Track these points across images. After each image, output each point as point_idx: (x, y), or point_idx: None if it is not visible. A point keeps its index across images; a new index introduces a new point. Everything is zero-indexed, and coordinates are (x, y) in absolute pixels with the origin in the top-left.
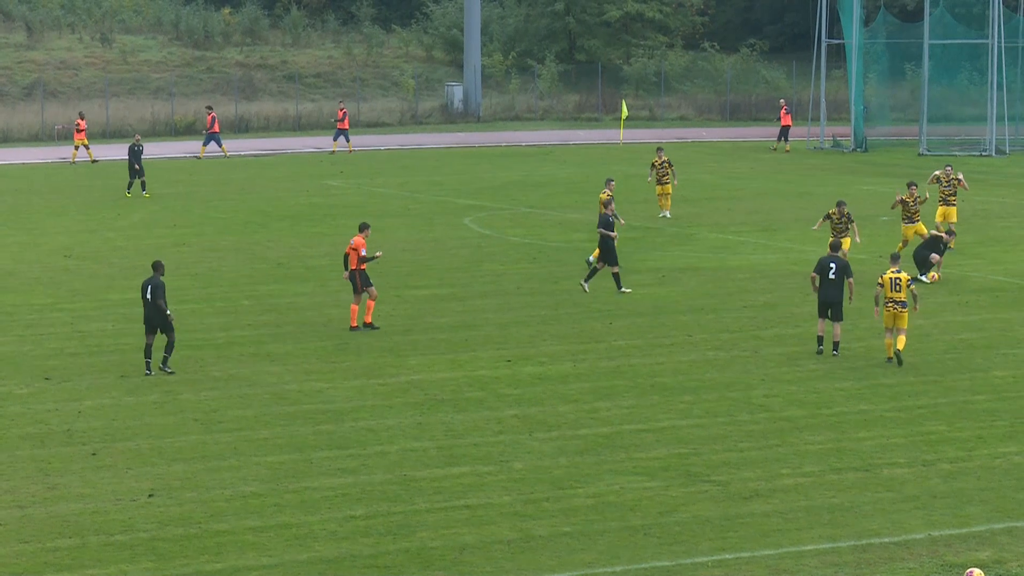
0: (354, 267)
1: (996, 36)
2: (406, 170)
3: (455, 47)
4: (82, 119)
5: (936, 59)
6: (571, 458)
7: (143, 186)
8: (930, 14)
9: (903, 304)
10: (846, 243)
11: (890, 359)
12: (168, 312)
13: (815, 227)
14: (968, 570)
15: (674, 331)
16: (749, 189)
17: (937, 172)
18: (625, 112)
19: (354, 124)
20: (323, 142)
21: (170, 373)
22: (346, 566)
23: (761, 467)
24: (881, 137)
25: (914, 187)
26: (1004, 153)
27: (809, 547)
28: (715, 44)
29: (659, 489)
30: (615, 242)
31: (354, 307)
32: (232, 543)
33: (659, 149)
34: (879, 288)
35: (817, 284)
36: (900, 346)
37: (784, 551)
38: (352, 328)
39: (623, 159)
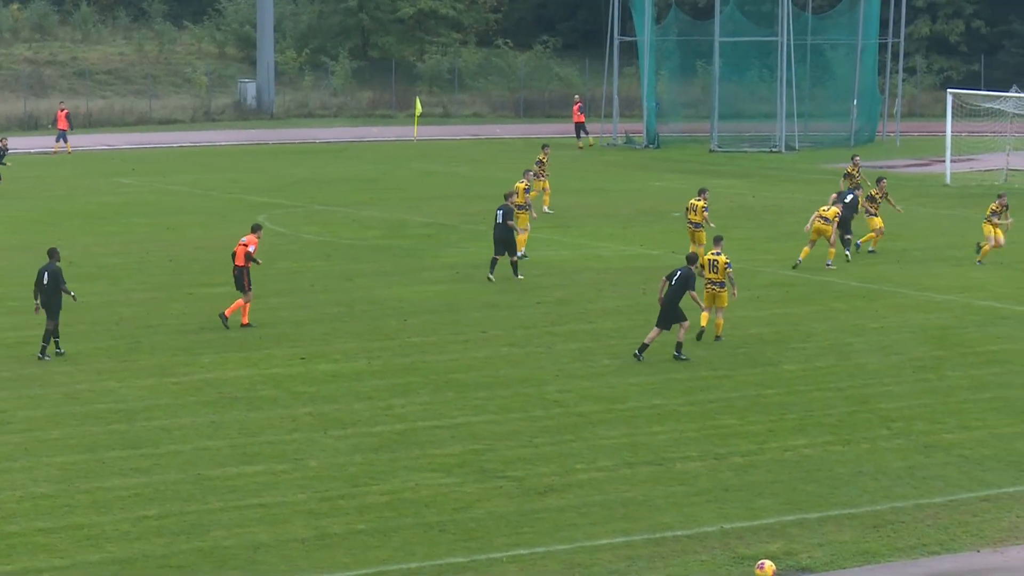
0: (240, 264)
1: (785, 34)
2: (200, 167)
3: (248, 44)
4: None
5: (727, 56)
6: (366, 455)
7: None
8: (721, 12)
9: (720, 284)
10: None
11: (701, 332)
12: (72, 295)
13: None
14: (759, 562)
15: (468, 327)
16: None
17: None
18: (419, 109)
19: (146, 121)
20: (114, 139)
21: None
22: (139, 566)
23: (556, 462)
24: (673, 134)
25: (883, 181)
26: (793, 149)
27: (603, 541)
28: (508, 41)
29: (454, 485)
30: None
31: (241, 303)
32: (23, 544)
33: (544, 147)
34: (701, 267)
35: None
36: (718, 331)
37: (579, 545)
38: (243, 325)
39: (417, 156)
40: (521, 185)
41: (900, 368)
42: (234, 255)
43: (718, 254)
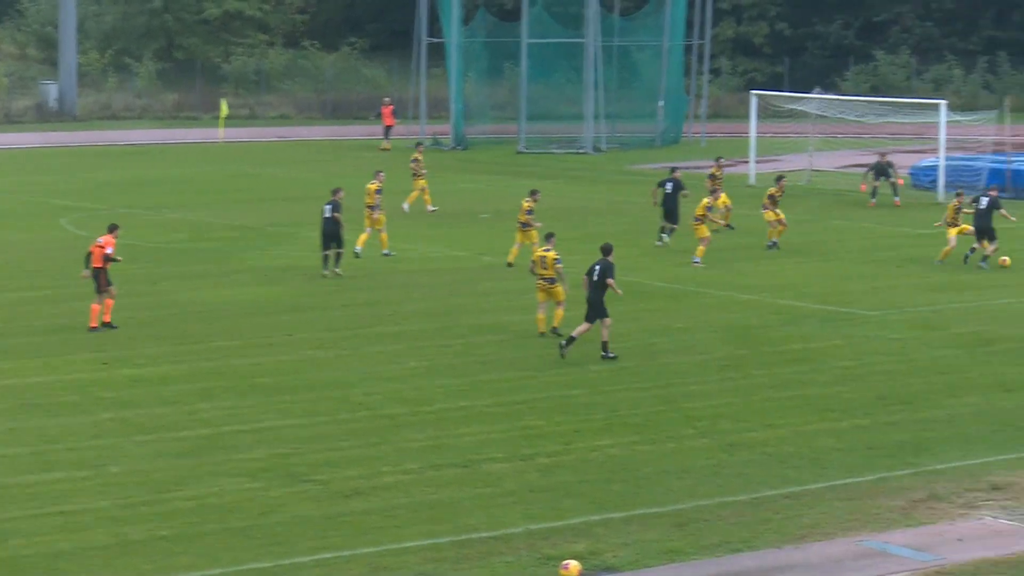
0: (98, 265)
1: (592, 36)
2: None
3: (50, 45)
4: None
5: (534, 58)
6: (170, 461)
7: None
8: (528, 13)
9: (551, 280)
10: None
11: (543, 334)
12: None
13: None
14: (564, 562)
15: (274, 331)
16: (349, 187)
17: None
18: (225, 111)
19: None
20: None
21: None
22: None
23: (362, 465)
24: (481, 135)
25: (783, 180)
26: (600, 150)
27: (409, 543)
28: (316, 42)
29: (259, 490)
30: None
31: (95, 307)
32: None
33: (417, 145)
34: (533, 264)
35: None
36: (556, 321)
37: (385, 548)
38: (91, 328)
39: (223, 158)
40: (373, 186)
41: (705, 367)
42: (90, 256)
43: (548, 250)
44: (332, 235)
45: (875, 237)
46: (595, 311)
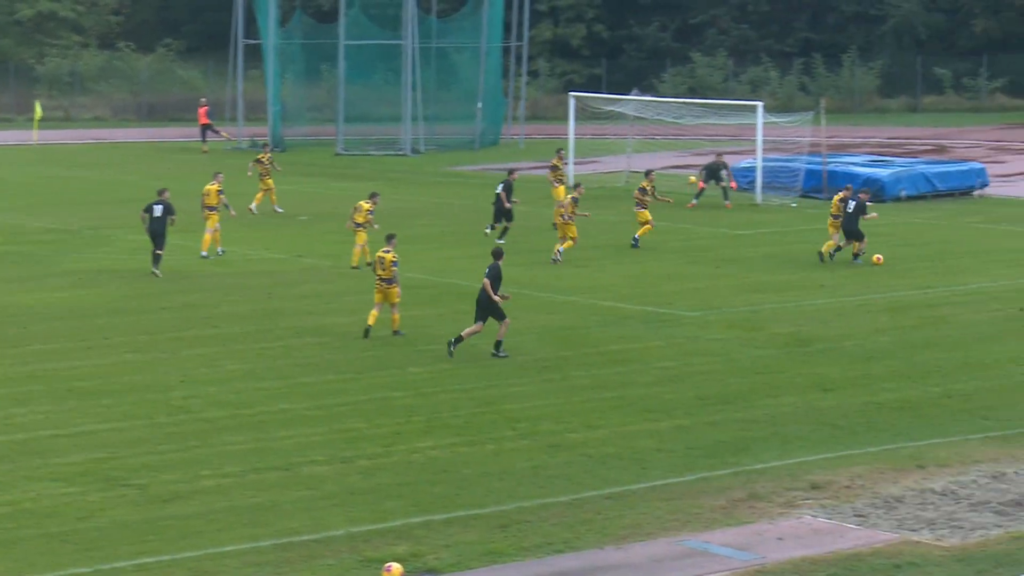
0: None
1: (410, 37)
2: None
3: None
4: None
5: (352, 60)
6: None
7: None
8: (345, 15)
9: (388, 281)
10: None
11: (368, 330)
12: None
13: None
14: (386, 564)
15: (91, 334)
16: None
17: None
18: (39, 113)
19: None
20: None
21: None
22: None
23: (182, 469)
24: (299, 137)
25: (652, 174)
26: (419, 152)
27: (231, 547)
28: (131, 44)
29: (77, 495)
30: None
31: None
32: None
33: (264, 146)
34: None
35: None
36: (395, 325)
37: (206, 552)
38: None
39: (37, 160)
40: (213, 187)
41: (525, 369)
42: None
43: (387, 251)
44: (160, 234)
45: (694, 238)
46: (484, 312)
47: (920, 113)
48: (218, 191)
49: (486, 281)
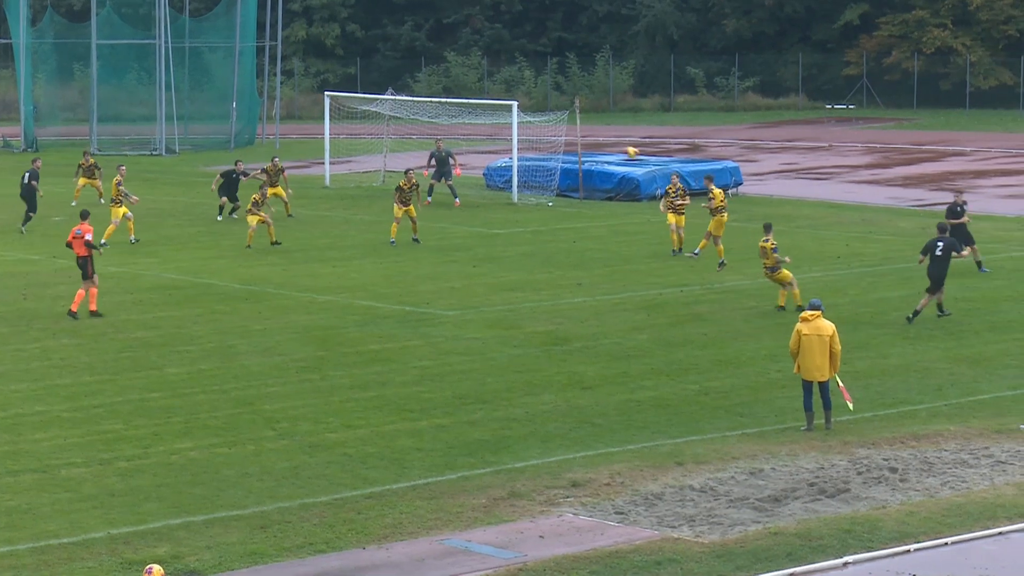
0: (84, 254)
1: (163, 37)
2: None
3: None
4: None
5: (105, 59)
6: None
7: None
8: (97, 15)
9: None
10: None
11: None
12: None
13: None
14: (147, 567)
15: None
16: None
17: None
18: None
19: None
20: None
21: None
22: None
23: None
24: (52, 137)
25: (410, 172)
26: (175, 152)
27: None
28: None
29: None
30: None
31: (81, 292)
32: None
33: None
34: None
35: None
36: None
37: None
38: (71, 313)
39: None
40: (114, 180)
41: (284, 369)
42: (70, 246)
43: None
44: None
45: (451, 237)
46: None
47: (674, 112)
48: (117, 183)
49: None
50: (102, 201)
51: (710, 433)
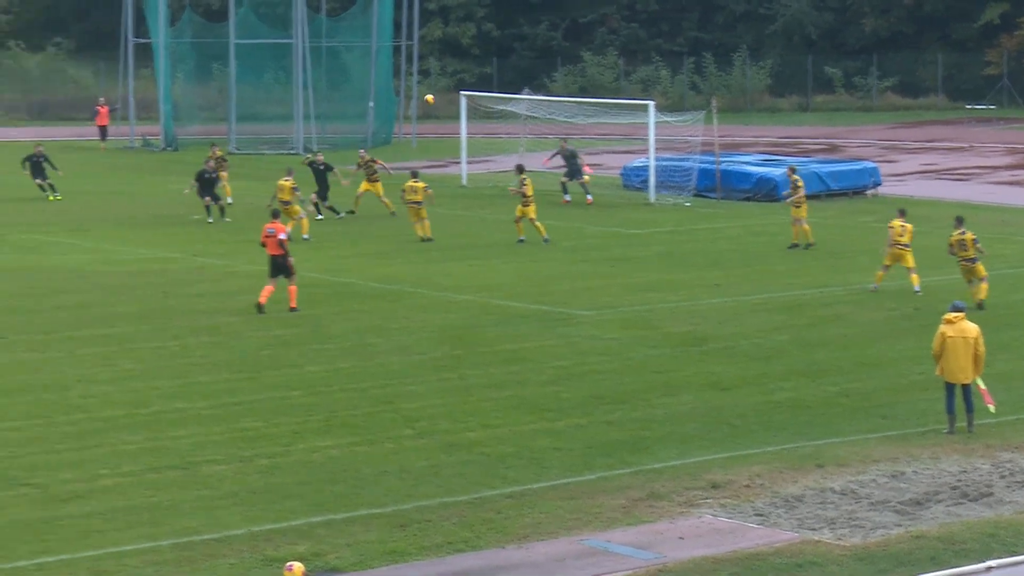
0: (279, 252)
1: (300, 36)
2: None
3: None
4: None
5: (243, 59)
6: None
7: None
8: (235, 14)
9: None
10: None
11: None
12: None
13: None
14: (288, 563)
15: None
16: (59, 189)
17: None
18: None
19: None
20: None
21: None
22: None
23: (80, 468)
24: (191, 136)
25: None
26: (312, 151)
27: (130, 547)
28: (20, 43)
29: None
30: None
31: (268, 288)
32: None
33: (213, 145)
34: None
35: None
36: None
37: (105, 552)
38: (258, 306)
39: None
40: (288, 183)
41: (422, 368)
42: (264, 246)
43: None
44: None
45: (587, 237)
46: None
47: (811, 112)
48: (292, 187)
49: None
50: (230, 200)
51: (850, 435)
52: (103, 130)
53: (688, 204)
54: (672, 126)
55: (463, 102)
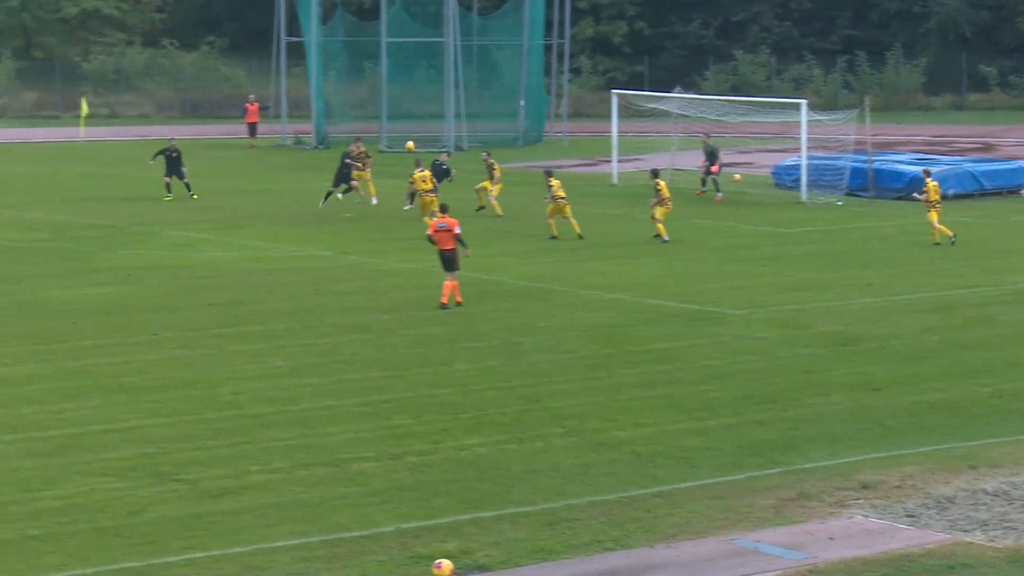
0: (451, 247)
1: (452, 35)
2: None
3: None
4: None
5: (394, 57)
6: (37, 460)
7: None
8: (387, 12)
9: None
10: None
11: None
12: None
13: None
14: (436, 561)
15: (139, 330)
16: (211, 186)
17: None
18: (85, 110)
19: None
20: None
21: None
22: None
23: (230, 464)
24: (342, 134)
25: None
26: (462, 149)
27: (280, 543)
28: (175, 41)
29: (128, 489)
30: None
31: (447, 284)
32: None
33: (358, 139)
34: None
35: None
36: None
37: (255, 548)
38: (442, 305)
39: (84, 157)
40: (426, 173)
41: (571, 366)
42: (432, 240)
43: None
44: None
45: (738, 236)
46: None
47: (965, 111)
48: (430, 177)
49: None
50: (374, 201)
51: (1003, 436)
52: (252, 128)
53: (840, 203)
54: (824, 125)
55: (614, 101)
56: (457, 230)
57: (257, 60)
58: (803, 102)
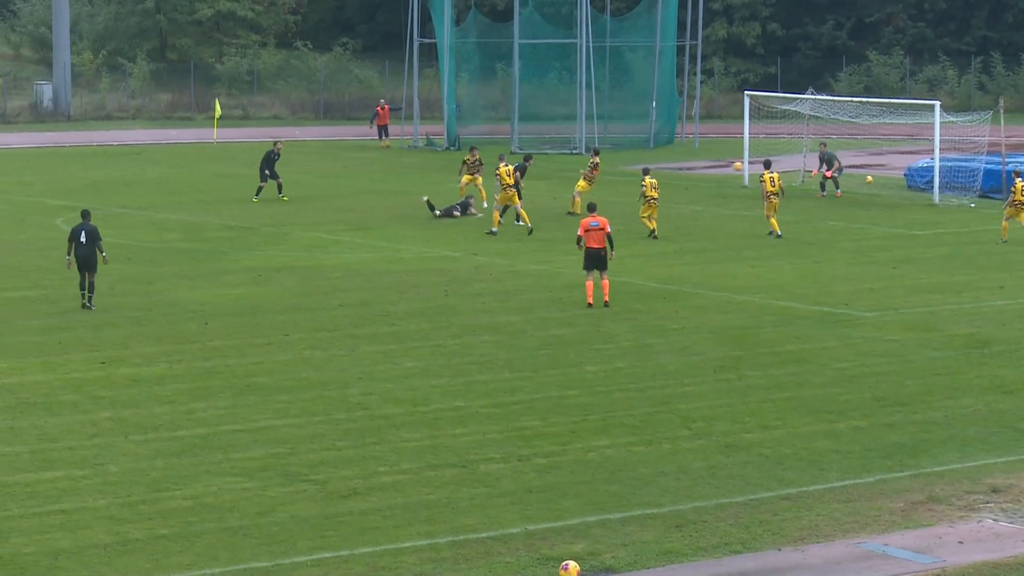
0: (601, 245)
1: (584, 36)
2: None
3: (44, 45)
4: None
5: (526, 58)
6: (167, 460)
7: (279, 188)
8: (520, 14)
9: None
10: None
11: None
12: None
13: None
14: (563, 563)
15: (270, 330)
16: (342, 188)
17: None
18: (218, 111)
19: None
20: None
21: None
22: None
23: (359, 465)
24: (474, 136)
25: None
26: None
27: (407, 544)
28: (308, 43)
29: (257, 489)
30: None
31: (591, 283)
32: None
33: (472, 149)
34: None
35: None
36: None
37: (383, 548)
38: (589, 305)
39: (217, 158)
40: (510, 167)
41: (700, 368)
42: (581, 240)
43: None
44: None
45: (870, 238)
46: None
47: None
48: (510, 172)
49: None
50: (486, 204)
51: None
52: (383, 129)
53: (973, 205)
54: (958, 126)
55: (746, 102)
56: (608, 229)
57: (390, 62)
58: (937, 103)
